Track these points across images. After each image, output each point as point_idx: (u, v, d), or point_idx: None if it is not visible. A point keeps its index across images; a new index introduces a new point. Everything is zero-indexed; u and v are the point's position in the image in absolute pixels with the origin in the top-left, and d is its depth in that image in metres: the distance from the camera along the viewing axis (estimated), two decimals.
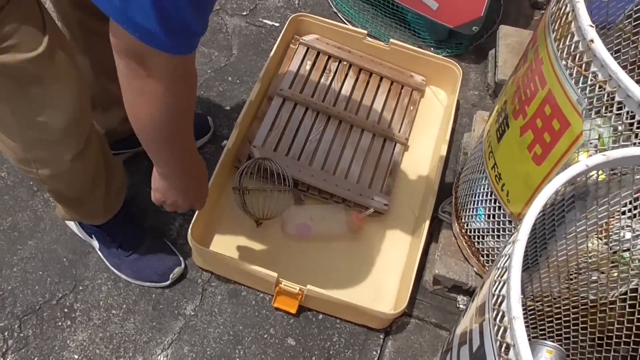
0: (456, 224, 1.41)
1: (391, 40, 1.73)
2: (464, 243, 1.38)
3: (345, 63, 1.75)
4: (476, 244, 1.34)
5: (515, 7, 2.08)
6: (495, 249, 1.29)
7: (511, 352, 0.61)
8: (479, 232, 1.32)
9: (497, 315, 0.66)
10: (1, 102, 0.94)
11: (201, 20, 0.75)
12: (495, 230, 1.24)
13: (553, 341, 1.12)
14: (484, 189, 1.25)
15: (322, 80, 1.70)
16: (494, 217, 1.23)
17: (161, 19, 0.68)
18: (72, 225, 1.41)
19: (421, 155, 1.67)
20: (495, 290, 0.69)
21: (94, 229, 1.34)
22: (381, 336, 1.38)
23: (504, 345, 0.63)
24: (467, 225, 1.36)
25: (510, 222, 1.19)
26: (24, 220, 1.43)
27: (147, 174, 1.32)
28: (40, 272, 1.37)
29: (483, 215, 1.28)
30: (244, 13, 1.94)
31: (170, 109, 0.85)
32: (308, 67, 1.71)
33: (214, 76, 1.76)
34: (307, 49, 1.75)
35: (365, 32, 1.74)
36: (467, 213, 1.35)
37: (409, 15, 1.92)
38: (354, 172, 1.55)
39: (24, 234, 1.41)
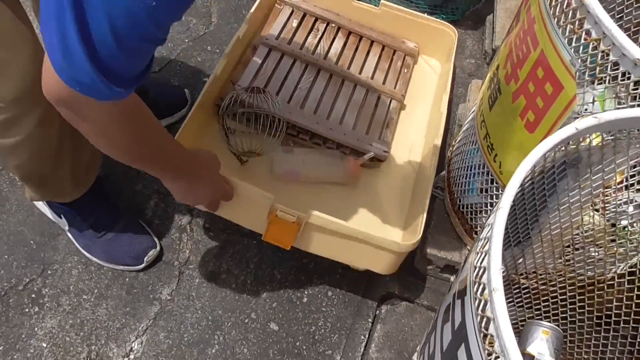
0: (449, 200, 1.41)
1: (382, 1, 1.70)
2: (457, 220, 1.37)
3: (333, 25, 1.71)
4: (469, 220, 1.33)
5: None
6: None
7: (491, 326, 0.61)
8: (472, 207, 1.31)
9: (477, 288, 0.66)
10: None
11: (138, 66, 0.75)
12: (489, 205, 1.24)
13: (549, 321, 1.12)
14: (476, 161, 1.24)
15: (309, 38, 1.65)
16: (487, 191, 1.23)
17: (101, 69, 0.69)
18: (40, 205, 1.40)
19: (419, 116, 1.62)
20: (476, 262, 0.68)
21: (64, 208, 1.33)
22: (370, 320, 1.38)
23: (485, 319, 0.62)
24: (460, 201, 1.36)
25: None
26: None
27: None
28: (6, 256, 1.36)
29: (476, 190, 1.28)
30: None
31: (120, 149, 0.88)
32: (294, 25, 1.67)
33: (192, 45, 1.74)
34: (293, 10, 1.71)
35: None
36: (460, 188, 1.34)
37: None
38: (349, 120, 1.50)
39: None
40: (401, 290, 1.42)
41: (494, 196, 1.20)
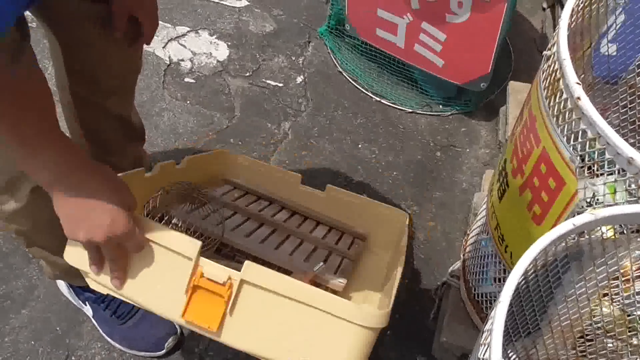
0: (464, 289, 1.43)
1: (328, 185, 1.54)
2: (473, 308, 1.39)
3: (277, 205, 1.54)
4: (484, 309, 1.35)
5: (526, 62, 2.15)
6: None
7: None
8: (487, 296, 1.33)
9: None
10: None
11: None
12: None
13: None
14: (489, 250, 1.27)
15: (250, 206, 1.48)
16: (501, 281, 1.25)
17: None
18: (65, 291, 1.45)
19: (378, 267, 1.45)
20: (480, 355, 0.71)
21: (87, 294, 1.38)
22: None
23: None
24: (475, 290, 1.38)
25: None
26: (17, 289, 1.48)
27: None
28: (32, 342, 1.41)
29: (490, 279, 1.30)
30: (247, 74, 2.02)
31: None
32: (236, 195, 1.50)
33: (216, 138, 1.83)
34: (234, 187, 1.55)
35: (300, 176, 1.56)
36: (475, 277, 1.37)
37: (416, 73, 1.99)
38: (302, 251, 1.34)
39: (17, 303, 1.46)
40: None
41: None
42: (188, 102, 1.91)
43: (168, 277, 0.88)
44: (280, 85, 1.99)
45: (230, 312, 0.86)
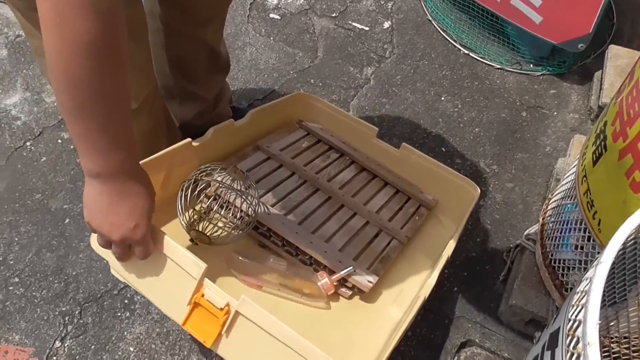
0: (540, 253, 1.39)
1: (403, 144, 1.46)
2: (547, 274, 1.35)
3: (347, 158, 1.50)
4: (560, 276, 1.31)
5: (630, 27, 2.03)
6: None
7: None
8: (564, 263, 1.29)
9: (571, 341, 0.66)
10: (27, 11, 0.96)
11: None
12: (583, 262, 1.22)
13: None
14: (573, 216, 1.23)
15: (317, 160, 1.45)
16: (582, 248, 1.21)
17: None
18: None
19: (419, 261, 1.34)
20: (571, 315, 0.68)
21: None
22: None
23: None
24: (552, 255, 1.34)
25: (600, 254, 1.16)
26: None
27: None
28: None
29: (570, 245, 1.26)
30: (334, 15, 1.98)
31: (68, 48, 0.70)
32: (304, 146, 1.47)
33: (296, 77, 1.81)
34: (307, 133, 1.52)
35: (376, 129, 1.49)
36: (553, 242, 1.33)
37: (509, 29, 1.91)
38: (337, 241, 1.26)
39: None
40: (482, 338, 1.41)
41: (590, 254, 1.18)
42: (271, 38, 1.89)
43: (176, 285, 0.94)
44: (367, 29, 1.95)
45: (225, 333, 0.92)
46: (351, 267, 1.17)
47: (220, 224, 1.14)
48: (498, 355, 1.39)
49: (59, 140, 1.62)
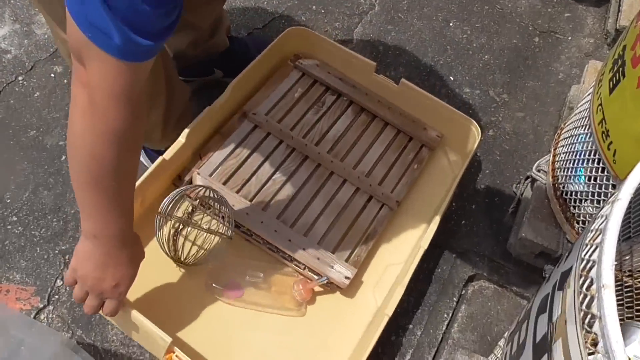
0: (551, 185, 1.35)
1: (402, 80, 1.41)
2: (558, 207, 1.32)
3: (345, 99, 1.46)
4: (572, 208, 1.28)
5: None
6: (594, 215, 1.22)
7: (596, 325, 0.57)
8: (576, 195, 1.25)
9: (584, 282, 0.62)
10: None
11: (160, 19, 0.70)
12: (596, 194, 1.18)
13: None
14: (587, 146, 1.18)
15: (309, 113, 1.43)
16: (595, 180, 1.16)
17: (114, 12, 0.66)
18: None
19: (408, 227, 1.36)
20: (585, 255, 0.65)
21: (156, 155, 1.37)
22: (455, 299, 1.36)
23: (589, 316, 0.59)
24: (564, 187, 1.30)
25: (614, 186, 1.12)
26: None
27: None
28: None
29: (583, 177, 1.22)
30: None
31: (93, 136, 0.79)
32: (297, 95, 1.44)
33: (297, 4, 1.73)
34: (302, 74, 1.48)
35: (374, 64, 1.43)
36: (565, 173, 1.28)
37: None
38: (319, 229, 1.28)
39: None
40: (490, 272, 1.39)
41: (603, 185, 1.14)
42: None
43: (151, 342, 1.09)
44: None
45: None
46: (325, 278, 1.21)
47: (193, 250, 1.23)
48: (506, 288, 1.37)
49: (52, 75, 1.57)
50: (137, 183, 1.17)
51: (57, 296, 1.32)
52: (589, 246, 0.65)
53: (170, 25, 0.72)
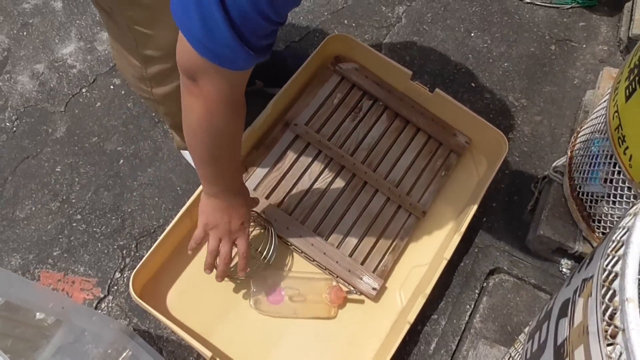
0: (568, 185, 1.28)
1: (437, 90, 1.35)
2: (574, 206, 1.25)
3: (380, 104, 1.40)
4: (588, 208, 1.21)
5: None
6: (609, 215, 1.15)
7: (619, 337, 0.52)
8: (592, 195, 1.19)
9: (606, 292, 0.57)
10: (119, 16, 0.94)
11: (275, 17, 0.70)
12: (612, 196, 1.11)
13: None
14: (603, 150, 1.11)
15: (347, 120, 1.38)
16: (611, 182, 1.10)
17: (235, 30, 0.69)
18: (187, 155, 1.42)
19: (434, 235, 1.32)
20: (607, 265, 0.59)
21: None
22: (477, 291, 1.30)
23: (612, 327, 0.54)
24: (580, 188, 1.23)
25: (629, 188, 1.05)
26: (144, 149, 1.46)
27: (258, 113, 1.29)
28: (157, 198, 1.40)
29: (599, 179, 1.15)
30: None
31: (211, 134, 0.86)
32: (336, 101, 1.38)
33: (331, 18, 1.68)
34: (342, 78, 1.41)
35: (410, 72, 1.36)
36: (581, 175, 1.22)
37: None
38: (351, 240, 1.26)
39: (144, 162, 1.45)
40: (510, 266, 1.33)
41: (619, 188, 1.08)
42: None
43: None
44: None
45: None
46: (354, 291, 1.23)
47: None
48: (525, 281, 1.31)
49: (111, 87, 1.56)
50: (189, 201, 1.20)
51: (116, 287, 1.31)
52: (610, 257, 0.59)
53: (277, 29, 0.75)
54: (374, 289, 1.22)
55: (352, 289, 1.23)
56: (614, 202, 1.11)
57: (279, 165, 1.31)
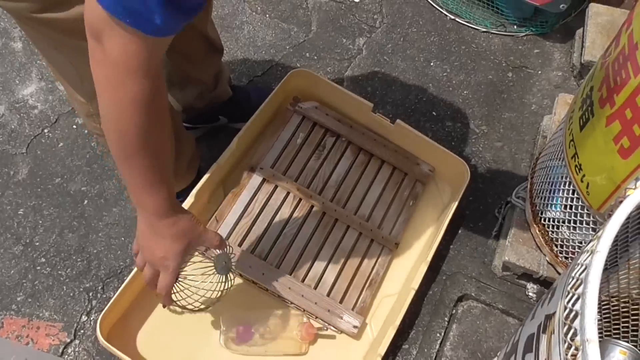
0: (530, 211, 1.30)
1: (397, 121, 1.35)
2: (537, 231, 1.26)
3: (343, 139, 1.40)
4: (550, 233, 1.22)
5: None
6: (571, 240, 1.17)
7: None
8: (553, 221, 1.20)
9: (568, 331, 0.57)
10: (60, 54, 0.91)
11: None
12: (572, 221, 1.12)
13: (627, 342, 1.00)
14: (562, 177, 1.13)
15: (312, 159, 1.36)
16: (570, 208, 1.11)
17: None
18: None
19: (402, 265, 1.32)
20: (567, 303, 0.59)
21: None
22: (446, 319, 1.30)
23: None
24: (542, 214, 1.24)
25: (588, 214, 1.07)
26: (109, 188, 1.43)
27: (223, 149, 1.29)
28: (123, 238, 1.38)
29: (559, 205, 1.16)
30: None
31: (120, 106, 0.71)
32: (299, 141, 1.37)
33: (292, 52, 1.69)
34: (303, 117, 1.40)
35: (371, 105, 1.36)
36: (543, 201, 1.23)
37: None
38: (327, 279, 1.25)
39: (109, 201, 1.42)
40: (477, 292, 1.33)
41: (579, 214, 1.09)
42: (267, 15, 1.77)
43: None
44: (357, 0, 1.81)
45: None
46: (327, 328, 1.21)
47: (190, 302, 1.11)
48: (493, 306, 1.31)
49: (74, 126, 1.53)
50: None
51: (82, 331, 1.28)
52: (571, 294, 0.60)
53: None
54: (355, 327, 1.20)
55: (327, 325, 1.21)
56: (574, 228, 1.13)
57: (249, 211, 1.28)
